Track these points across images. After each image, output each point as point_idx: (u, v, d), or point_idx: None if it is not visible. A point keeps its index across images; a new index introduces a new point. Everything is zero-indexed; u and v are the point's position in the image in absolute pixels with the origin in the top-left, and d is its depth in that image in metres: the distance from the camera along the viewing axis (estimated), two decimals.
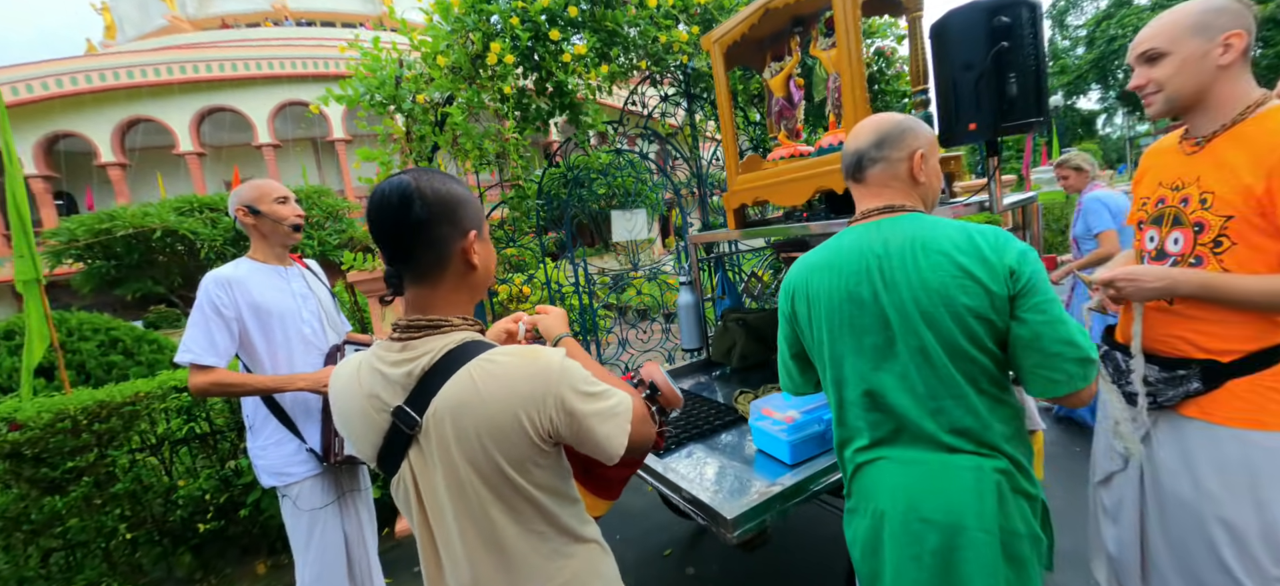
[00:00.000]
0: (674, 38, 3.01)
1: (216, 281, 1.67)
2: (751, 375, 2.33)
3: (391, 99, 2.67)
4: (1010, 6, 1.45)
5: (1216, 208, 1.14)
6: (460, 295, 0.87)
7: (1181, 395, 1.22)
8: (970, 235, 0.98)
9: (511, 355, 0.80)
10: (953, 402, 0.99)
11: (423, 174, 0.83)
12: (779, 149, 2.11)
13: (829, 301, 1.10)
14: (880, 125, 1.10)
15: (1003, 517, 0.98)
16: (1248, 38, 1.12)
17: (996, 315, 0.96)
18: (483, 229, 0.89)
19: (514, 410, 0.77)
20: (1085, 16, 27.48)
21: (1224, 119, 1.16)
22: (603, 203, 4.25)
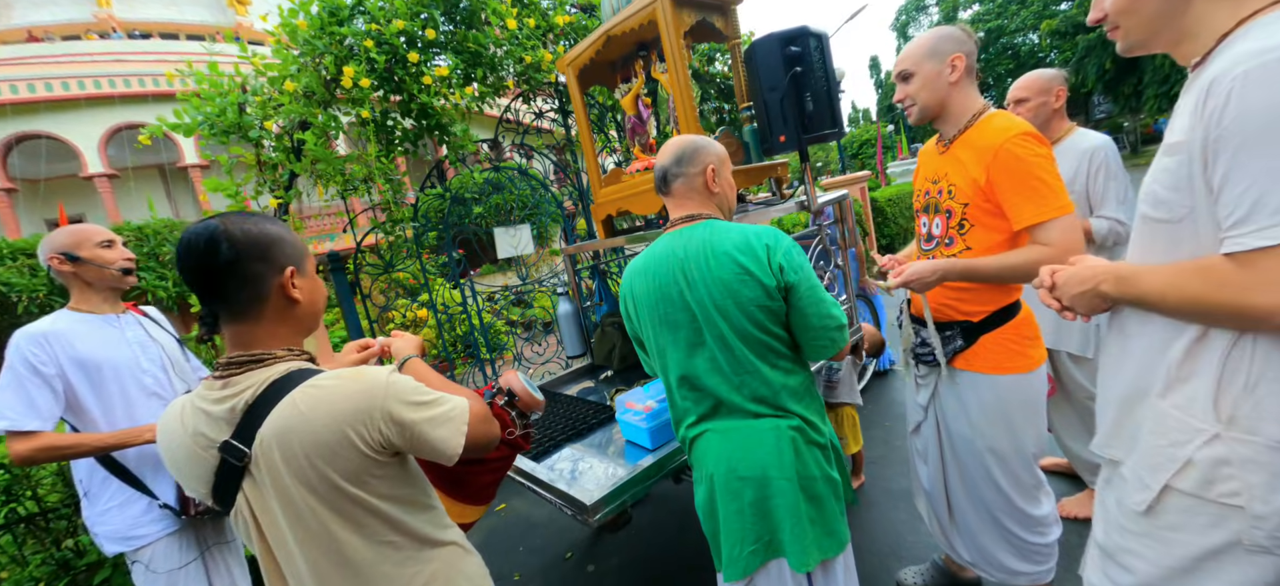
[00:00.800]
0: (539, 58, 3.11)
1: (30, 338, 1.52)
2: (630, 374, 2.48)
3: (235, 126, 2.51)
4: (800, 37, 1.72)
5: (958, 197, 1.44)
6: (283, 329, 0.91)
7: (952, 351, 1.54)
8: (748, 238, 1.18)
9: (335, 377, 0.85)
10: (750, 377, 1.20)
11: (233, 217, 0.87)
12: (635, 162, 2.28)
13: (648, 301, 1.28)
14: (679, 146, 1.30)
15: (800, 466, 1.20)
16: (967, 59, 1.42)
17: (772, 302, 1.17)
18: (304, 265, 0.94)
19: (340, 427, 0.82)
20: (923, 27, 31.70)
21: (959, 125, 1.46)
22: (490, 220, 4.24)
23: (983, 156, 1.35)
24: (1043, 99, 1.98)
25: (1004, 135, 1.32)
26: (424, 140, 3.02)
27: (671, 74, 1.85)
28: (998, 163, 1.32)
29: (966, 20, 27.09)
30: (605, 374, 2.64)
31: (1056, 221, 1.28)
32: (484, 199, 3.43)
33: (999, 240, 1.40)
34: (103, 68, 14.50)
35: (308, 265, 0.95)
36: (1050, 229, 1.29)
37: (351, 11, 2.72)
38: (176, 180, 16.78)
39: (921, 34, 1.48)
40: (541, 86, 3.43)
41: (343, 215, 2.75)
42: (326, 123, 2.60)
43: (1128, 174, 1.94)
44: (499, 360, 5.70)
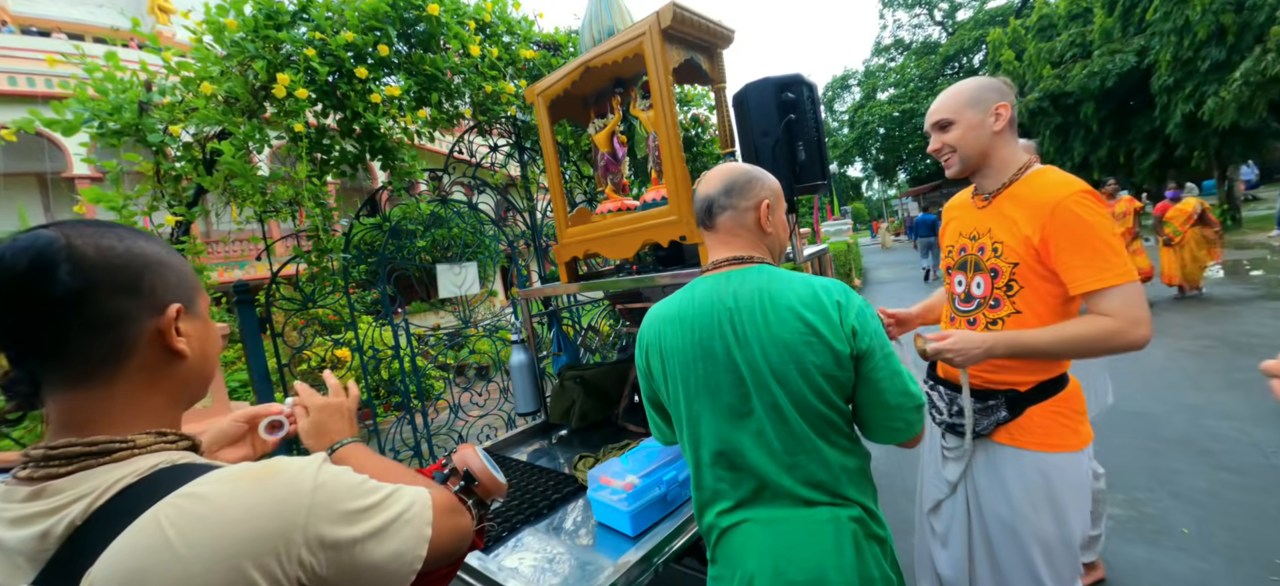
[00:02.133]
0: (500, 89, 2.92)
1: None
2: (592, 434, 2.23)
3: (131, 128, 2.12)
4: (795, 84, 1.64)
5: (1006, 255, 1.31)
6: (153, 399, 0.61)
7: (993, 423, 1.37)
8: (815, 291, 1.00)
9: (233, 483, 0.55)
10: (806, 457, 0.99)
11: (81, 227, 0.58)
12: (606, 202, 2.10)
13: (682, 358, 1.05)
14: (729, 173, 1.11)
15: (860, 566, 0.99)
16: (1012, 109, 1.33)
17: (841, 371, 0.98)
18: (196, 302, 0.66)
19: (235, 564, 0.52)
20: (847, 103, 34.87)
21: (1003, 179, 1.35)
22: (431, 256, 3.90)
23: (1037, 213, 1.24)
24: None
25: (1063, 191, 1.22)
26: (363, 165, 2.71)
27: (657, 111, 1.71)
28: (1055, 221, 1.21)
29: (884, 101, 29.93)
30: (559, 434, 2.36)
31: (1118, 289, 1.17)
32: (427, 232, 3.12)
33: (1052, 305, 1.28)
34: None
35: (200, 304, 0.67)
36: (1111, 297, 1.18)
37: (292, 17, 2.43)
38: (59, 191, 14.83)
39: (959, 84, 1.37)
40: (498, 120, 3.23)
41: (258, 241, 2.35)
42: (249, 134, 2.25)
43: None
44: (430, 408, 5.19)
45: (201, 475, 0.55)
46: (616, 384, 2.30)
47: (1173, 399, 3.78)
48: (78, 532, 0.51)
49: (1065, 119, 16.84)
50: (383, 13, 2.51)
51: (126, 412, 0.59)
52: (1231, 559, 2.13)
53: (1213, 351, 4.64)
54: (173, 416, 0.64)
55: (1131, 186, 17.00)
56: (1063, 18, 19.10)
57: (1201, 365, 4.34)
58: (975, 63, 27.26)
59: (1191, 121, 12.41)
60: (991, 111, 1.32)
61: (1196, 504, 2.53)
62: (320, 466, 0.61)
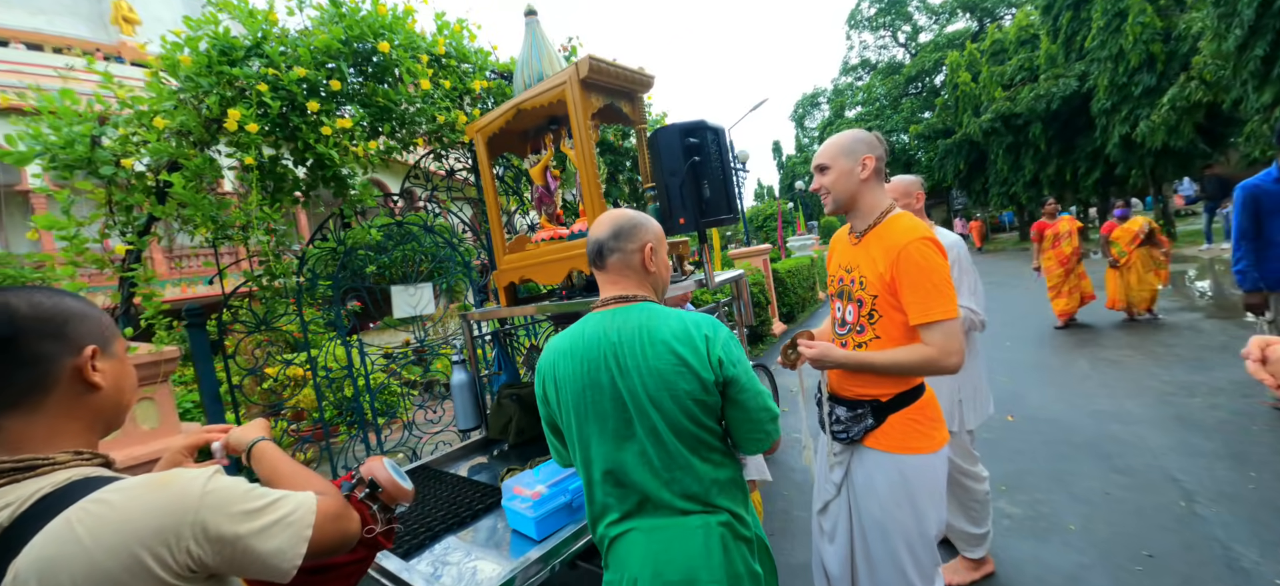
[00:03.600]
0: (453, 118, 3.08)
1: None
2: (528, 449, 2.37)
3: (83, 161, 2.21)
4: (698, 130, 1.83)
5: (868, 288, 1.52)
6: (72, 424, 0.75)
7: (863, 430, 1.56)
8: (687, 327, 1.14)
9: (131, 487, 0.70)
10: (681, 472, 1.14)
11: (18, 291, 0.73)
12: (541, 231, 2.27)
13: (574, 387, 1.18)
14: (617, 219, 1.25)
15: (728, 565, 1.14)
16: (877, 162, 1.54)
17: (708, 396, 1.13)
18: (111, 345, 0.80)
19: (131, 551, 0.66)
20: (817, 120, 35.98)
21: (869, 220, 1.56)
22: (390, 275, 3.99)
23: (889, 253, 1.46)
24: (906, 201, 2.24)
25: (908, 236, 1.43)
26: (316, 192, 2.83)
27: (578, 151, 1.89)
28: (900, 262, 1.42)
29: (852, 118, 30.97)
30: (500, 449, 2.49)
31: (940, 325, 1.38)
32: (387, 251, 3.22)
33: (903, 333, 1.49)
34: None
35: (116, 346, 0.81)
36: (934, 331, 1.39)
37: (247, 52, 2.55)
38: (12, 204, 14.35)
39: (839, 134, 1.59)
40: (455, 144, 3.38)
41: (209, 263, 2.43)
42: (201, 165, 2.36)
43: (976, 269, 2.22)
44: (388, 427, 5.24)
45: (102, 486, 0.70)
46: None
47: (1085, 405, 4.09)
48: (4, 534, 0.65)
49: (1016, 138, 17.73)
50: (335, 49, 2.65)
51: (49, 435, 0.73)
52: (1105, 552, 2.38)
53: (1130, 360, 5.01)
54: (89, 439, 0.78)
55: (1078, 202, 17.94)
56: (1012, 43, 20.18)
57: (1118, 374, 4.69)
58: (937, 83, 28.42)
59: (1128, 142, 13.23)
60: (859, 162, 1.52)
61: (1087, 502, 2.79)
62: (211, 476, 0.75)
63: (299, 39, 2.69)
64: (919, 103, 29.17)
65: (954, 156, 21.02)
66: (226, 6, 2.59)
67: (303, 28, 2.87)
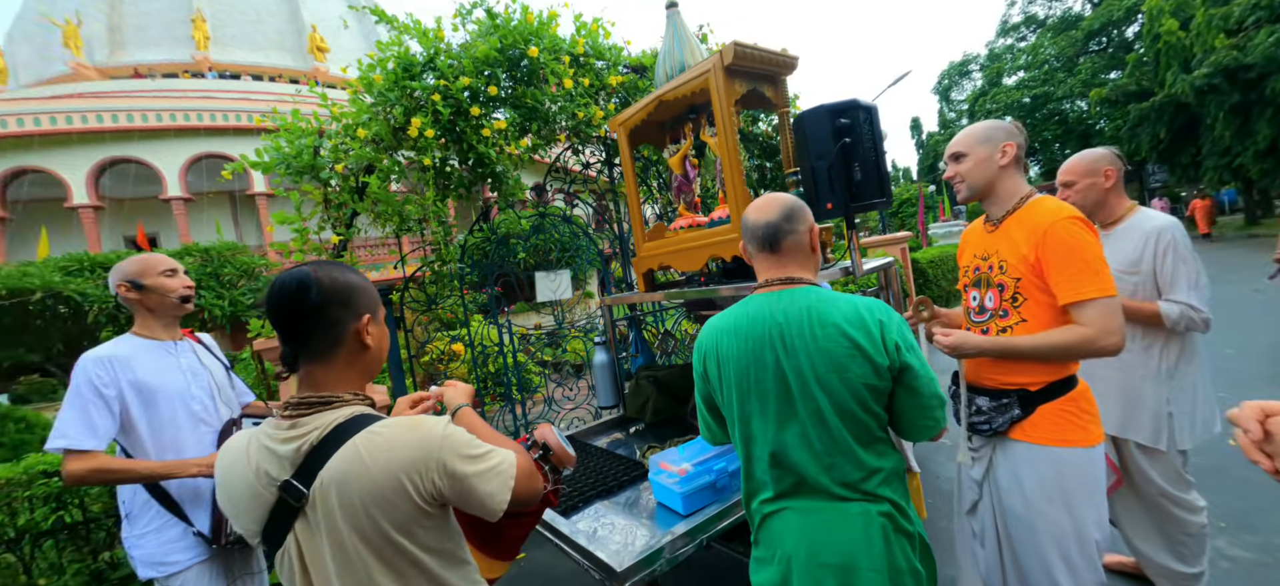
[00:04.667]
0: (590, 114, 3.25)
1: (96, 361, 1.59)
2: (664, 429, 2.45)
3: (309, 168, 2.70)
4: (849, 110, 1.74)
5: (1010, 271, 1.48)
6: (352, 372, 0.95)
7: (1008, 421, 1.50)
8: (859, 310, 1.13)
9: (395, 425, 0.88)
10: (843, 458, 1.12)
11: (321, 265, 0.93)
12: (679, 219, 2.32)
13: (737, 365, 1.20)
14: (784, 202, 1.26)
15: (889, 556, 1.11)
16: (1017, 149, 1.52)
17: (880, 381, 1.11)
18: (377, 313, 0.99)
19: (397, 476, 0.84)
20: (966, 92, 31.76)
21: (1008, 206, 1.53)
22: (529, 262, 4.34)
23: (1033, 235, 1.42)
24: (1090, 180, 1.93)
25: (1053, 217, 1.39)
26: (477, 188, 3.17)
27: (721, 138, 1.90)
28: (1046, 242, 1.39)
29: (1011, 85, 26.95)
30: (636, 427, 2.61)
31: (1095, 303, 1.33)
32: (527, 240, 3.54)
33: (1052, 315, 1.43)
34: (192, 103, 15.95)
35: (380, 314, 1.00)
36: (1089, 309, 1.34)
37: (423, 67, 2.93)
38: (245, 206, 17.99)
39: (975, 124, 1.59)
40: (590, 139, 3.57)
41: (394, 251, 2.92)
42: (390, 167, 2.76)
43: (1197, 257, 1.84)
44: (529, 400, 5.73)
45: (374, 422, 0.89)
46: (687, 384, 2.51)
47: None
48: (314, 450, 0.86)
49: (1245, 97, 14.16)
50: (493, 57, 2.94)
51: (338, 380, 0.94)
52: None
53: None
54: (361, 384, 0.98)
55: None
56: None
57: None
58: (1128, 36, 23.69)
59: None
60: (999, 149, 1.52)
61: None
62: (446, 423, 0.92)
63: (462, 51, 3.02)
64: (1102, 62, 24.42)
65: (1151, 123, 17.37)
66: (407, 29, 2.98)
67: (464, 41, 3.22)
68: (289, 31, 21.30)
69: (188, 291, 1.79)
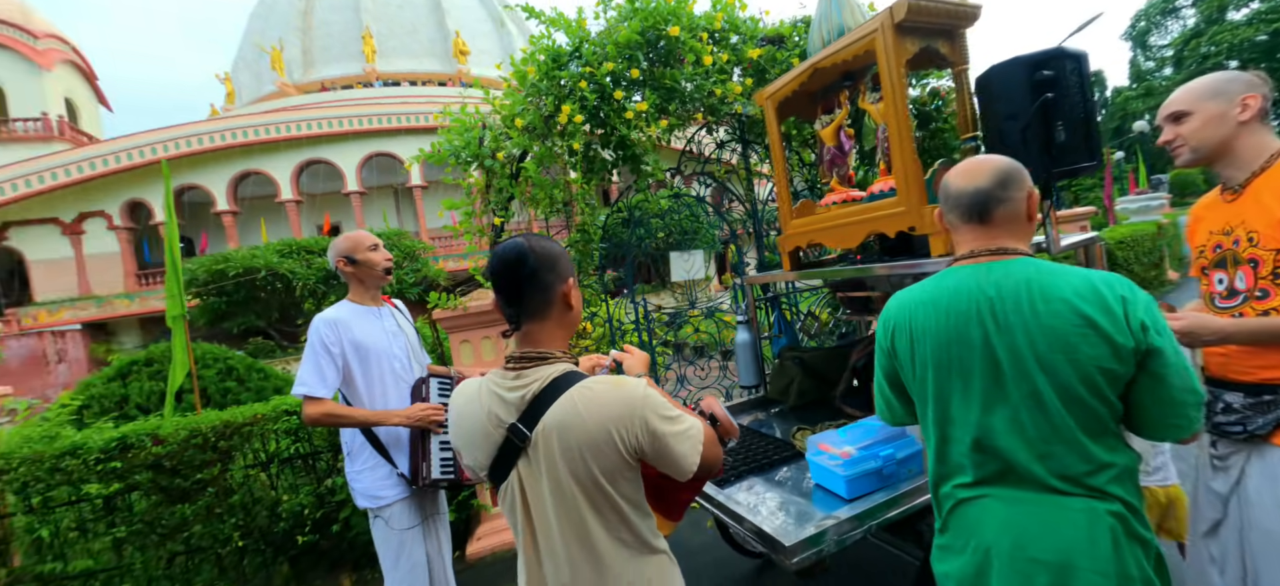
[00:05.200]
0: (729, 89, 3.20)
1: (325, 322, 1.89)
2: (808, 412, 2.38)
3: (475, 156, 3.00)
4: (1054, 60, 1.52)
5: (1264, 244, 1.25)
6: (560, 332, 1.06)
7: (1272, 423, 1.25)
8: (1094, 284, 0.99)
9: (604, 383, 0.97)
10: (1064, 448, 0.99)
11: (531, 237, 1.04)
12: (831, 194, 2.21)
13: (935, 340, 1.10)
14: (999, 166, 1.12)
15: (1118, 561, 0.96)
16: (1263, 101, 1.28)
17: (1120, 365, 0.96)
18: (575, 277, 1.08)
19: (608, 428, 0.93)
20: (1170, 35, 25.95)
21: (1253, 167, 1.29)
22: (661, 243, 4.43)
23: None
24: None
25: None
26: (618, 170, 3.28)
27: (888, 105, 1.76)
28: None
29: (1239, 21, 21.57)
30: (778, 409, 2.56)
31: None
32: (664, 220, 3.61)
33: None
34: (363, 109, 18.52)
35: (576, 279, 1.10)
36: None
37: (569, 57, 3.09)
38: (404, 198, 20.58)
39: (1199, 79, 1.38)
40: (725, 117, 3.52)
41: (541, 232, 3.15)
42: (543, 153, 2.97)
43: None
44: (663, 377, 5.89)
45: (584, 379, 0.98)
46: (836, 367, 2.40)
47: None
48: (537, 397, 0.97)
49: None
50: (634, 41, 3.01)
51: (549, 338, 1.04)
52: None
53: None
54: (566, 343, 1.09)
55: None
56: None
57: None
58: None
59: None
60: (1236, 102, 1.31)
61: None
62: (646, 386, 0.98)
63: (604, 37, 3.13)
64: None
65: None
66: (555, 23, 3.16)
67: (602, 28, 3.33)
68: (437, 39, 23.73)
69: (388, 264, 2.08)
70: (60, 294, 16.97)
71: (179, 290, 3.30)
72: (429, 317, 3.49)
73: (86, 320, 16.26)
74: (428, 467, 1.95)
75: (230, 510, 2.99)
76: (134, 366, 4.79)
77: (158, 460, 2.87)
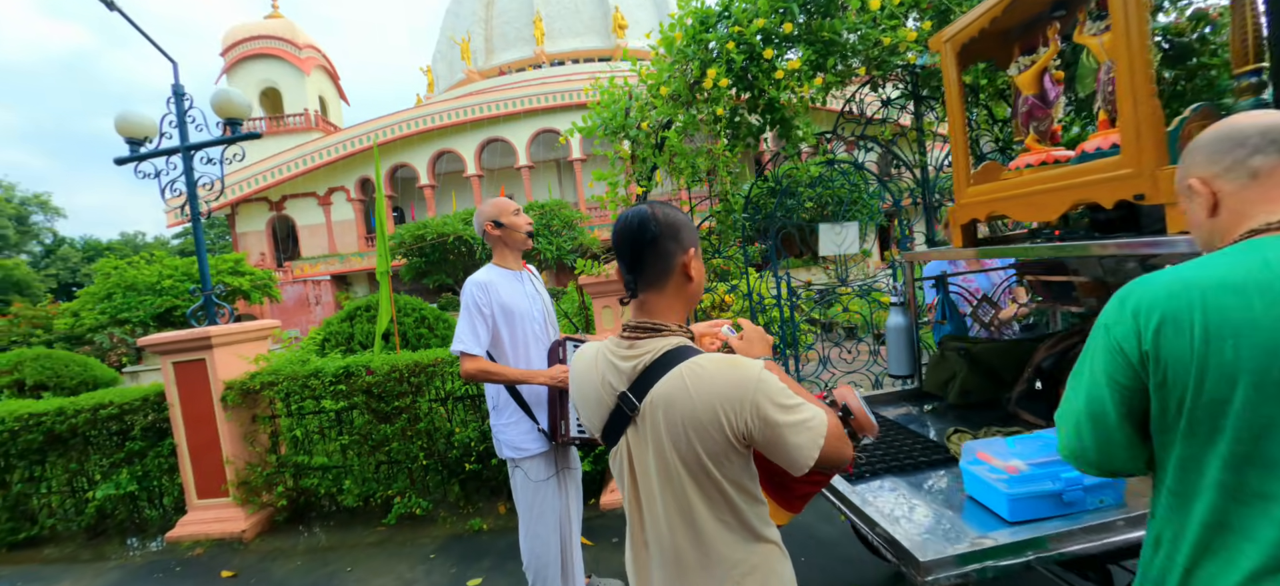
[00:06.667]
0: (900, 37, 2.80)
1: (476, 285, 2.03)
2: (972, 414, 2.04)
3: (621, 128, 3.06)
4: None
5: None
6: (678, 303, 1.02)
7: None
8: None
9: (716, 361, 0.91)
10: None
11: (656, 203, 1.02)
12: (1025, 155, 1.81)
13: (1257, 342, 0.73)
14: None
15: None
16: None
17: None
18: (698, 247, 1.04)
19: (715, 409, 0.88)
20: None
21: None
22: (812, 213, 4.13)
23: None
24: None
25: None
26: (765, 135, 3.11)
27: (1119, 34, 1.37)
28: None
29: None
30: (933, 405, 2.25)
31: None
32: (813, 189, 3.35)
33: None
34: (533, 89, 20.26)
35: (698, 249, 1.05)
36: None
37: (717, 18, 2.97)
38: (566, 171, 22.22)
39: None
40: (894, 70, 3.10)
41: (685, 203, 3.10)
42: (687, 121, 2.92)
43: None
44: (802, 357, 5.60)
45: (697, 355, 0.93)
46: (1012, 365, 2.02)
47: None
48: (647, 369, 0.95)
49: None
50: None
51: (666, 310, 1.01)
52: None
53: None
54: (683, 315, 1.04)
55: None
56: None
57: None
58: None
59: None
60: None
61: None
62: (762, 368, 0.91)
63: None
64: None
65: None
66: None
67: None
68: (598, 16, 24.76)
69: (530, 228, 2.18)
70: (317, 252, 21.75)
71: (385, 252, 3.98)
72: (576, 282, 3.72)
73: (333, 272, 20.72)
74: (566, 426, 2.07)
75: (418, 434, 3.57)
76: (357, 311, 5.93)
77: (369, 387, 3.53)
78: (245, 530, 3.62)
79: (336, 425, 3.75)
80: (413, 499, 3.58)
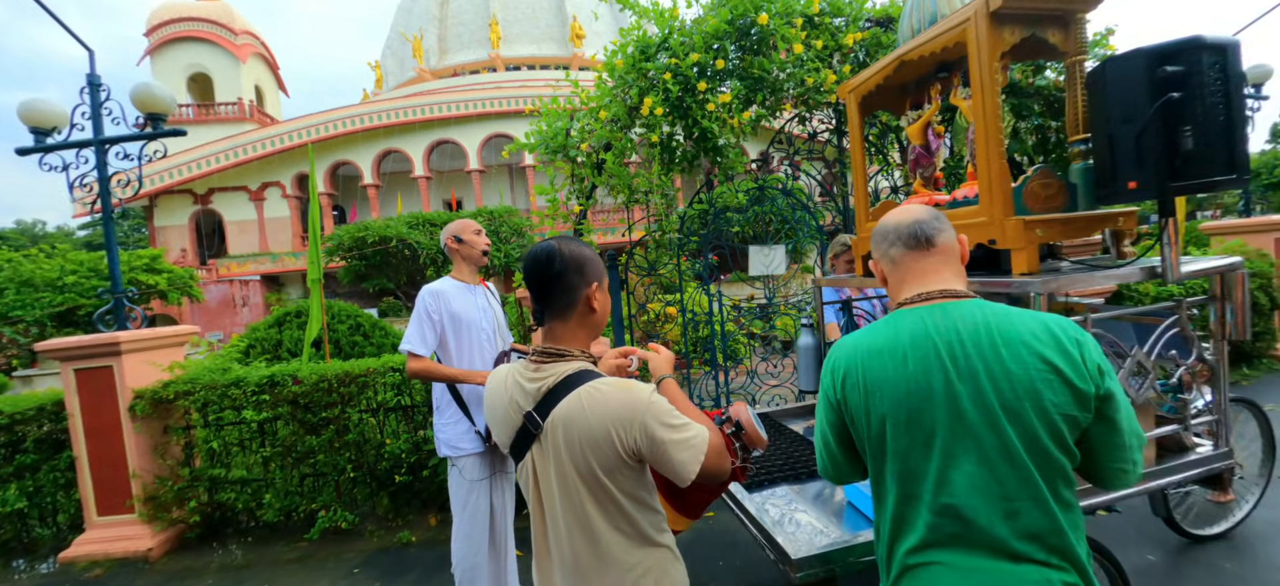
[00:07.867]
0: (821, 79, 3.05)
1: (430, 292, 2.19)
2: None
3: (562, 147, 3.16)
4: (1182, 52, 1.29)
5: None
6: (581, 332, 1.12)
7: None
8: (1048, 327, 0.95)
9: (611, 385, 1.02)
10: (1031, 505, 0.91)
11: (564, 240, 1.11)
12: (913, 197, 2.05)
13: (894, 392, 1.00)
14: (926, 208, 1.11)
15: None
16: None
17: (1082, 411, 0.92)
18: (603, 282, 1.14)
19: (608, 428, 0.98)
20: None
21: None
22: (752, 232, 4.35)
23: None
24: None
25: None
26: (699, 159, 3.28)
27: (977, 102, 1.60)
28: None
29: None
30: None
31: None
32: (745, 211, 3.55)
33: None
34: (486, 93, 19.96)
35: (605, 283, 1.15)
36: None
37: (657, 48, 3.13)
38: (517, 177, 21.98)
39: None
40: (819, 106, 3.36)
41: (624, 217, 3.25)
42: (624, 144, 3.05)
43: None
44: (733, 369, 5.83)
45: (596, 378, 1.04)
46: None
47: None
48: (551, 391, 1.05)
49: None
50: (722, 31, 2.97)
51: (570, 337, 1.10)
52: None
53: None
54: (587, 343, 1.15)
55: None
56: None
57: None
58: None
59: None
60: None
61: None
62: (652, 391, 1.02)
63: (694, 27, 3.12)
64: None
65: None
66: (646, 12, 3.20)
67: (696, 17, 3.31)
68: (556, 23, 24.80)
69: (486, 248, 2.35)
70: (246, 250, 20.48)
71: (318, 258, 3.88)
72: (515, 296, 3.76)
73: (264, 272, 19.53)
74: None
75: (346, 446, 3.50)
76: (288, 316, 5.69)
77: (295, 397, 3.43)
78: (151, 548, 3.41)
79: (259, 436, 3.60)
80: (338, 512, 3.49)
